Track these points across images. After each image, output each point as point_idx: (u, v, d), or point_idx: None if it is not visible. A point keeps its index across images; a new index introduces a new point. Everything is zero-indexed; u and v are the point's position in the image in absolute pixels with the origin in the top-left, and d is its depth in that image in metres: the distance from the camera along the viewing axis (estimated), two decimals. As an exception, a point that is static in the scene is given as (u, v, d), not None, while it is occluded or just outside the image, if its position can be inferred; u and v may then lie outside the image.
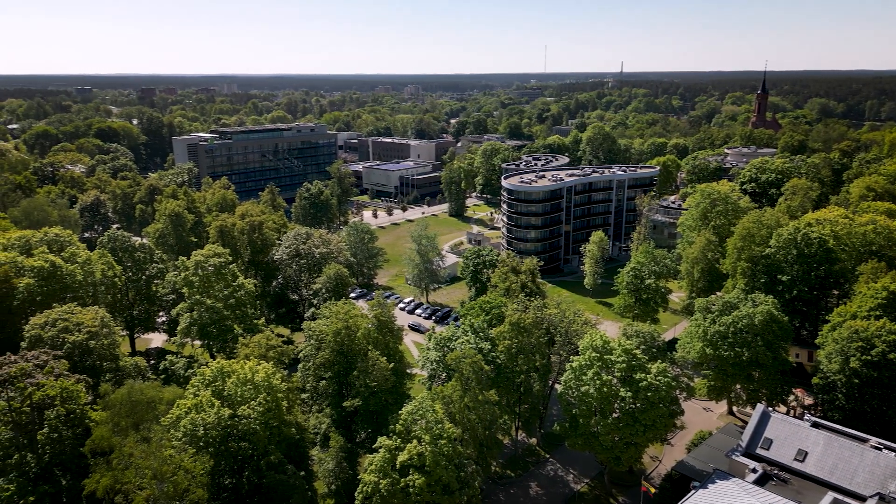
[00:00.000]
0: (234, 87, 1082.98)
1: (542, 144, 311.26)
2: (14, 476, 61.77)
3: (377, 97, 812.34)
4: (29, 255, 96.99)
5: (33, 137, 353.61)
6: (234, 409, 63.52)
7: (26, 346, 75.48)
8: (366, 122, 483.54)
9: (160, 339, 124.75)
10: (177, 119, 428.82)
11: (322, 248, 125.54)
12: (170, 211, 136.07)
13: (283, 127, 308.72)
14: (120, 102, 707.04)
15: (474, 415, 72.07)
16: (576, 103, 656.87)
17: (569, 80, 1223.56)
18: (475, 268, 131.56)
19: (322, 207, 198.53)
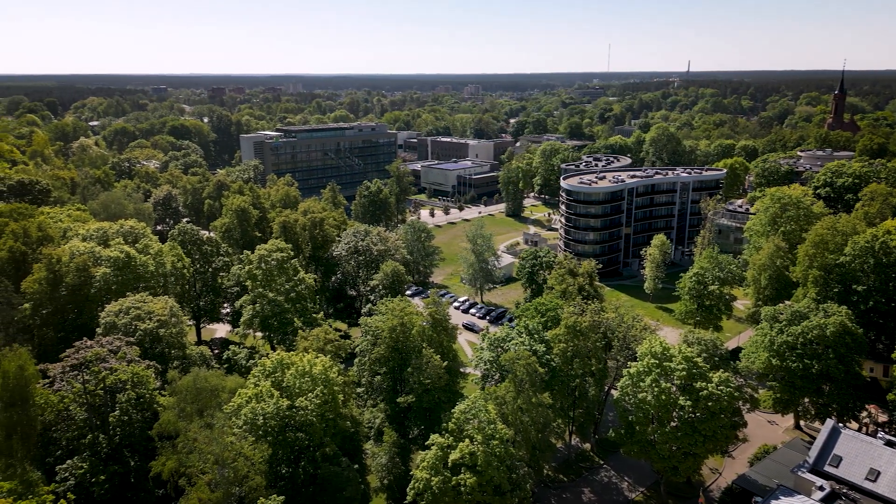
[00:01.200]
0: (299, 87, 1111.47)
1: (603, 145, 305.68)
2: (87, 455, 65.35)
3: (437, 97, 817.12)
4: (106, 246, 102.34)
5: (112, 134, 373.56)
6: (292, 400, 65.20)
7: (101, 332, 79.70)
8: (425, 121, 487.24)
9: (224, 330, 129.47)
10: (244, 117, 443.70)
11: (380, 246, 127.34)
12: (236, 206, 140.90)
13: (345, 126, 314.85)
14: (192, 101, 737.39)
15: (527, 417, 71.57)
16: (639, 103, 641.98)
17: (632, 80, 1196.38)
18: (531, 269, 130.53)
19: (381, 205, 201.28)
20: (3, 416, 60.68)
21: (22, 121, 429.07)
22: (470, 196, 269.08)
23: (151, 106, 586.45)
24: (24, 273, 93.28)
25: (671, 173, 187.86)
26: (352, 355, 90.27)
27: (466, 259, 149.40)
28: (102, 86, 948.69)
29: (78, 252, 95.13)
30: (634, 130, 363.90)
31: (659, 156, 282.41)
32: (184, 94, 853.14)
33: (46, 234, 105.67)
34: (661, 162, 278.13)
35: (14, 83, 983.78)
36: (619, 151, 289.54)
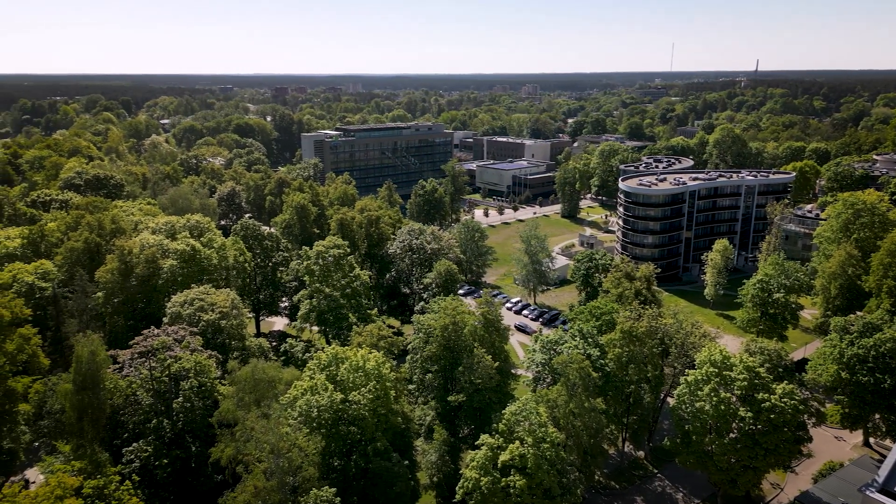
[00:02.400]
0: (358, 87, 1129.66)
1: (664, 146, 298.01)
2: (152, 439, 68.34)
3: (494, 96, 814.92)
4: (173, 239, 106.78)
5: (181, 132, 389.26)
6: (345, 394, 66.38)
7: (167, 322, 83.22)
8: (482, 121, 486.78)
9: (282, 323, 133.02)
10: (306, 116, 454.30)
11: (434, 244, 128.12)
12: (296, 203, 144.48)
13: (403, 125, 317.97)
14: (256, 100, 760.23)
15: (579, 421, 70.59)
16: (703, 103, 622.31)
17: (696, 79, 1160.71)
18: (586, 271, 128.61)
19: (435, 205, 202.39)
20: (76, 399, 64.17)
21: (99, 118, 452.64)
22: (525, 196, 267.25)
23: (218, 105, 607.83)
24: (98, 263, 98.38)
25: (736, 176, 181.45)
26: (404, 352, 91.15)
27: (520, 260, 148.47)
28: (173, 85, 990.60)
29: (147, 244, 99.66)
30: (697, 131, 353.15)
31: (723, 158, 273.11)
32: (248, 94, 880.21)
33: (119, 226, 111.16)
34: (725, 164, 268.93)
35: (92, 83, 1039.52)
36: (681, 153, 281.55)
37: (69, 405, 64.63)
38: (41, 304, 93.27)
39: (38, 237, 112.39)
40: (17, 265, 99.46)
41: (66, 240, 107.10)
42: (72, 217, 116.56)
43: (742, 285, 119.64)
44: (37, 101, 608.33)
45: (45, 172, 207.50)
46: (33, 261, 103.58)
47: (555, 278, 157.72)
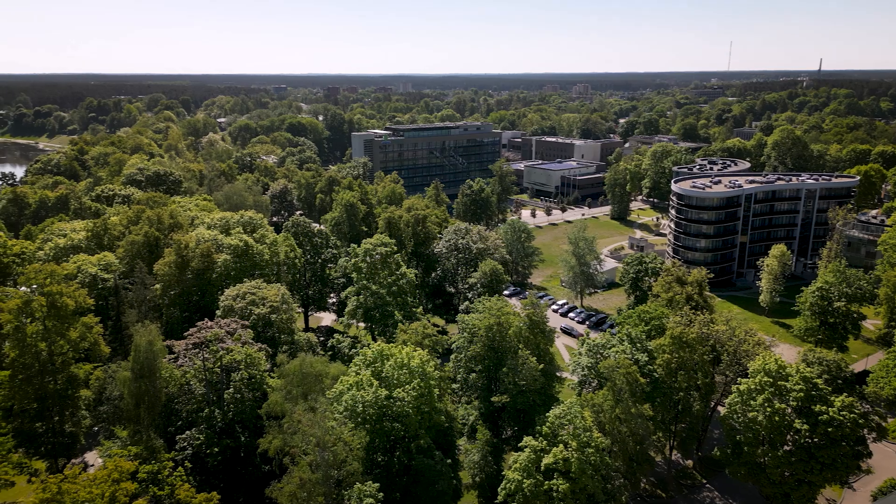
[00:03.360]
0: (408, 87, 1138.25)
1: (719, 147, 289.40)
2: (204, 428, 70.60)
3: (544, 96, 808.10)
4: (227, 235, 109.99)
5: (237, 130, 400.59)
6: (390, 390, 67.03)
7: (220, 315, 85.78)
8: (531, 121, 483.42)
9: (330, 319, 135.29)
10: (356, 116, 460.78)
11: (479, 244, 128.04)
12: (345, 201, 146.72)
13: (451, 125, 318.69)
14: (309, 100, 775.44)
15: (625, 427, 69.38)
16: (762, 104, 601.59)
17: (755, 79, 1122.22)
18: (636, 275, 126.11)
19: (482, 204, 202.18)
20: (133, 386, 66.85)
21: (160, 117, 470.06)
22: (573, 197, 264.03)
23: (272, 104, 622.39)
24: (157, 256, 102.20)
25: (795, 179, 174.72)
26: (448, 351, 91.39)
27: (567, 261, 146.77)
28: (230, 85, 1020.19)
29: (203, 239, 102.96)
30: (755, 133, 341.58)
31: (782, 160, 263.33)
32: (302, 93, 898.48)
33: (177, 221, 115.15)
34: (784, 167, 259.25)
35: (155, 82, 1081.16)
36: (738, 155, 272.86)
37: (127, 392, 67.40)
38: (103, 294, 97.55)
39: (101, 230, 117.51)
40: (82, 257, 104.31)
41: (128, 233, 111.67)
42: (133, 212, 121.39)
43: (800, 293, 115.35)
44: (102, 100, 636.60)
45: (109, 168, 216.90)
46: (97, 253, 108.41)
47: (602, 281, 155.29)
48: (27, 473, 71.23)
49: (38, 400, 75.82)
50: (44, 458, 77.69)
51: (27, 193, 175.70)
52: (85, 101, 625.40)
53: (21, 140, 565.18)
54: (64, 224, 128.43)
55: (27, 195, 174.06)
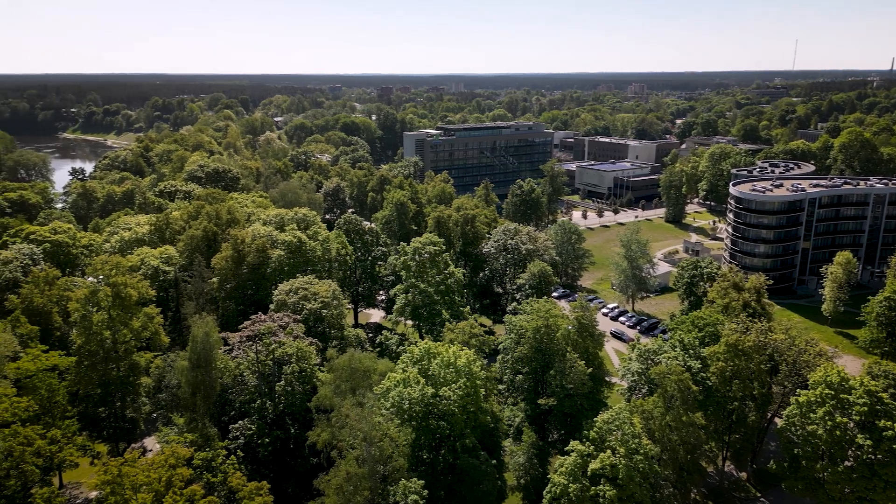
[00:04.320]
0: (460, 87, 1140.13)
1: (781, 150, 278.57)
2: (255, 418, 72.61)
3: (598, 96, 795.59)
4: (282, 231, 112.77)
5: (292, 129, 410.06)
6: (436, 388, 67.38)
7: (274, 309, 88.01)
8: (584, 121, 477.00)
9: (378, 316, 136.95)
10: (408, 116, 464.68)
11: (529, 245, 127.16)
12: (396, 200, 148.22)
13: (503, 125, 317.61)
14: (363, 99, 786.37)
15: (676, 435, 67.74)
16: (829, 105, 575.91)
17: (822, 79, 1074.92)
18: (690, 279, 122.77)
19: (532, 205, 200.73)
20: (190, 376, 69.30)
21: (220, 116, 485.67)
22: (626, 199, 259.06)
23: (327, 104, 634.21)
24: (215, 251, 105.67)
25: (863, 184, 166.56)
26: (495, 351, 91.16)
27: (619, 264, 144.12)
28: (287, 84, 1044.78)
29: (259, 235, 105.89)
30: (821, 135, 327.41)
31: (849, 164, 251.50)
32: (356, 93, 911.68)
33: (234, 217, 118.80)
34: (851, 171, 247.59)
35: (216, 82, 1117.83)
36: (801, 157, 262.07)
37: (184, 381, 69.95)
38: (164, 286, 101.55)
39: (163, 225, 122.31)
40: (145, 250, 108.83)
41: (188, 228, 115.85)
42: (193, 207, 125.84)
43: (866, 302, 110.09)
44: (167, 99, 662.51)
45: (172, 165, 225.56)
46: (159, 246, 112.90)
47: (655, 285, 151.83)
48: (90, 456, 74.81)
49: (101, 386, 79.52)
50: (106, 441, 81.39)
51: (95, 188, 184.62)
52: (150, 100, 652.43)
53: (91, 137, 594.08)
54: (129, 218, 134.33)
55: (95, 190, 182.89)
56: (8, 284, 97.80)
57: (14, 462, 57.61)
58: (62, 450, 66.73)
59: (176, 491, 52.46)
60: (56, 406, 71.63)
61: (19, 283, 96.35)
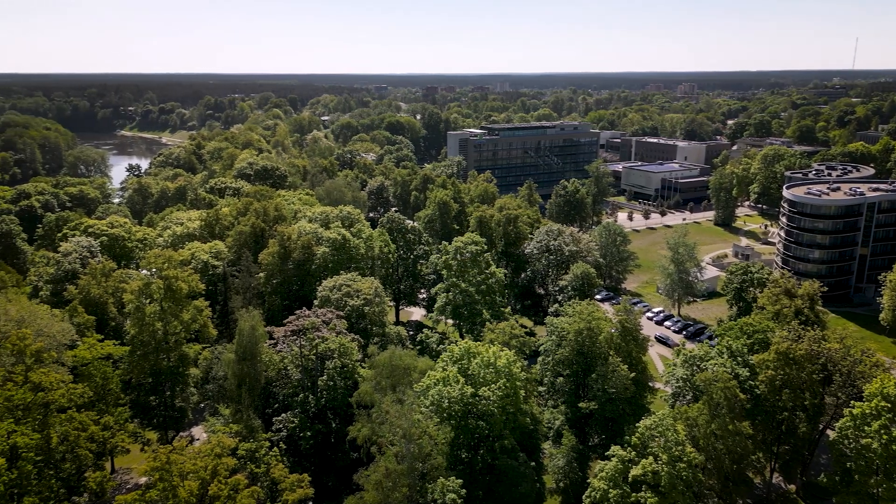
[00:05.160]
0: (506, 86, 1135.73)
1: (839, 152, 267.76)
2: (298, 412, 73.99)
3: (646, 95, 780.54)
4: (327, 228, 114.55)
5: (339, 128, 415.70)
6: (475, 388, 67.36)
7: (317, 304, 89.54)
8: (631, 121, 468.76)
9: (419, 314, 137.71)
10: (453, 115, 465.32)
11: (572, 246, 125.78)
12: (438, 199, 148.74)
13: (547, 125, 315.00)
14: (408, 99, 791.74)
15: (721, 444, 65.99)
16: (890, 105, 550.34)
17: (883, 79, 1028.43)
18: (740, 285, 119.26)
19: (576, 206, 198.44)
20: (237, 368, 71.13)
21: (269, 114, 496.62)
22: (674, 201, 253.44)
23: (373, 103, 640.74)
24: (262, 246, 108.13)
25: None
26: (535, 353, 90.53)
27: (665, 268, 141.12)
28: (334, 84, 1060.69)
29: (304, 231, 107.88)
30: (882, 136, 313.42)
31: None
32: (401, 93, 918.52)
33: (281, 213, 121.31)
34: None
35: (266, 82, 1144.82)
36: (860, 160, 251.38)
37: (231, 373, 71.85)
38: (213, 280, 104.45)
39: (213, 220, 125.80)
40: (196, 244, 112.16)
41: (236, 224, 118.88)
42: (242, 203, 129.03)
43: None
44: (219, 98, 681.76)
45: (223, 162, 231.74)
46: (209, 241, 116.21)
47: (703, 290, 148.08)
48: (141, 442, 77.64)
49: (152, 375, 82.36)
50: (156, 429, 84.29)
51: (150, 184, 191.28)
52: (203, 100, 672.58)
53: (147, 135, 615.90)
54: (181, 213, 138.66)
55: (150, 186, 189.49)
56: (67, 275, 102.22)
57: (70, 446, 60.20)
58: (114, 436, 69.40)
59: (221, 480, 53.91)
60: (110, 394, 74.41)
61: (78, 274, 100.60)
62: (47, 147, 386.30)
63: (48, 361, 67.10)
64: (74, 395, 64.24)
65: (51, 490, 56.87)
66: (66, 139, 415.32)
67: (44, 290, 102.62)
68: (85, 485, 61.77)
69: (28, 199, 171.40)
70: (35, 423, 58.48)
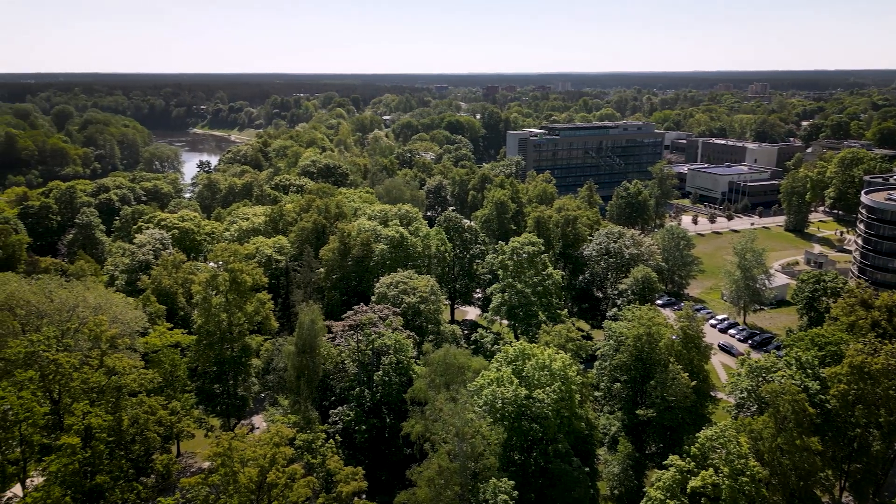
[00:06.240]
0: (567, 86, 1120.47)
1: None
2: (354, 405, 75.29)
3: (715, 95, 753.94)
4: (385, 226, 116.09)
5: (399, 127, 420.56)
6: (530, 390, 66.78)
7: (375, 300, 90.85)
8: (698, 121, 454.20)
9: (474, 313, 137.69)
10: (513, 115, 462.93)
11: (633, 249, 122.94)
12: (496, 199, 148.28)
13: (610, 125, 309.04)
14: (468, 99, 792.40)
15: (787, 459, 63.12)
16: None
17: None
18: (811, 294, 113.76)
19: (638, 208, 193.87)
20: (296, 360, 72.99)
21: (332, 113, 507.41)
22: (742, 205, 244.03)
23: (434, 103, 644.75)
24: (322, 242, 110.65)
25: None
26: (592, 357, 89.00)
27: (730, 274, 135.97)
28: (396, 84, 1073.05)
29: (364, 229, 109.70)
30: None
31: None
32: (461, 92, 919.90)
33: (342, 211, 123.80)
34: None
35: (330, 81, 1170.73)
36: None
37: (290, 364, 73.80)
38: (275, 274, 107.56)
39: (277, 216, 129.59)
40: (260, 239, 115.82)
41: (299, 220, 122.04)
42: (305, 200, 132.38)
43: None
44: (285, 98, 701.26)
45: (287, 160, 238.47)
46: (272, 236, 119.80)
47: (771, 298, 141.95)
48: (205, 428, 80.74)
49: (217, 364, 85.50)
50: (219, 416, 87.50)
51: (219, 180, 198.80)
52: (270, 99, 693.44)
53: (217, 132, 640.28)
54: (247, 209, 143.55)
55: (219, 182, 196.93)
56: (141, 266, 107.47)
57: (139, 429, 63.19)
58: (181, 421, 72.46)
59: (278, 468, 55.46)
60: (177, 380, 77.71)
61: (150, 265, 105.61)
62: (125, 143, 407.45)
63: (122, 347, 70.62)
64: (145, 381, 67.30)
65: (121, 470, 59.83)
66: (142, 136, 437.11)
67: (119, 280, 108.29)
68: (152, 466, 64.67)
69: (107, 193, 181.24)
70: (108, 405, 61.64)
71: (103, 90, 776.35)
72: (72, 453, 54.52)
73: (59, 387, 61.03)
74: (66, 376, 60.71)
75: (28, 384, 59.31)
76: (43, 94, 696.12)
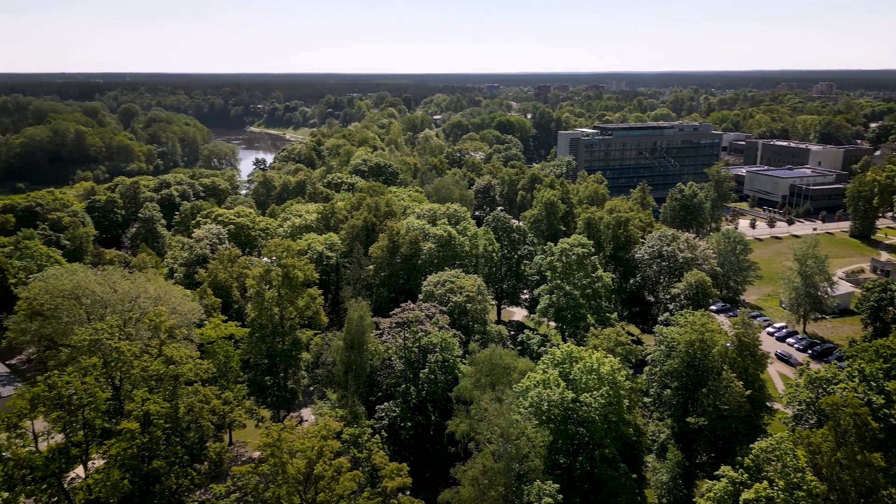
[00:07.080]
0: (622, 85, 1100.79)
1: None
2: (400, 402, 75.97)
3: (776, 95, 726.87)
4: (433, 225, 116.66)
5: (449, 127, 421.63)
6: (576, 393, 65.96)
7: (422, 299, 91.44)
8: (758, 122, 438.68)
9: (521, 314, 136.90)
10: (564, 114, 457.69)
11: (686, 253, 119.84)
12: (546, 199, 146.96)
13: (665, 125, 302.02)
14: (519, 98, 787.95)
15: (847, 475, 60.25)
16: None
17: None
18: (877, 303, 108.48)
19: (693, 210, 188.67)
20: (345, 355, 74.16)
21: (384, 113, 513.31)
22: (804, 209, 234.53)
23: (484, 103, 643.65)
24: (372, 240, 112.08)
25: None
26: (642, 362, 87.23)
27: (790, 280, 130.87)
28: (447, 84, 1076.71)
29: (412, 227, 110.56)
30: None
31: None
32: (513, 92, 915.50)
33: (391, 209, 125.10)
34: None
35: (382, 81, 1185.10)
36: None
37: (339, 359, 75.04)
38: (326, 270, 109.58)
39: (329, 213, 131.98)
40: (312, 236, 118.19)
41: (350, 217, 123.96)
42: (356, 198, 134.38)
43: None
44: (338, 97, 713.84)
45: (339, 158, 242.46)
46: (324, 233, 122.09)
47: (833, 306, 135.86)
48: (256, 419, 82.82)
49: (268, 357, 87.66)
50: (269, 407, 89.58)
51: (274, 178, 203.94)
52: (324, 98, 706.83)
53: (272, 131, 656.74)
54: (300, 206, 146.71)
55: (274, 179, 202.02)
56: (198, 259, 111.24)
57: (194, 417, 65.33)
58: (233, 411, 74.47)
59: (326, 461, 56.43)
60: (230, 371, 79.99)
61: (207, 258, 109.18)
62: (186, 141, 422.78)
63: (179, 337, 73.23)
64: (200, 371, 69.49)
65: (176, 455, 61.98)
66: (202, 134, 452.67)
67: (178, 272, 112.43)
68: (206, 453, 66.74)
69: (168, 189, 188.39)
70: (166, 392, 63.98)
71: (167, 90, 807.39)
72: (131, 438, 56.80)
73: (120, 374, 63.66)
74: (127, 364, 63.31)
75: (91, 370, 62.13)
76: (110, 94, 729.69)
